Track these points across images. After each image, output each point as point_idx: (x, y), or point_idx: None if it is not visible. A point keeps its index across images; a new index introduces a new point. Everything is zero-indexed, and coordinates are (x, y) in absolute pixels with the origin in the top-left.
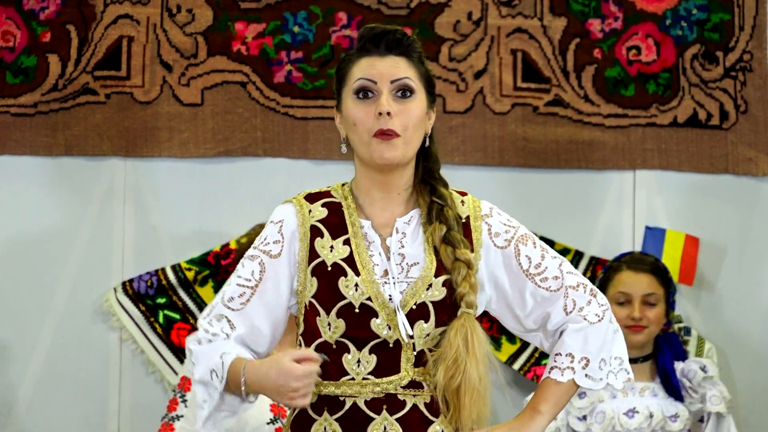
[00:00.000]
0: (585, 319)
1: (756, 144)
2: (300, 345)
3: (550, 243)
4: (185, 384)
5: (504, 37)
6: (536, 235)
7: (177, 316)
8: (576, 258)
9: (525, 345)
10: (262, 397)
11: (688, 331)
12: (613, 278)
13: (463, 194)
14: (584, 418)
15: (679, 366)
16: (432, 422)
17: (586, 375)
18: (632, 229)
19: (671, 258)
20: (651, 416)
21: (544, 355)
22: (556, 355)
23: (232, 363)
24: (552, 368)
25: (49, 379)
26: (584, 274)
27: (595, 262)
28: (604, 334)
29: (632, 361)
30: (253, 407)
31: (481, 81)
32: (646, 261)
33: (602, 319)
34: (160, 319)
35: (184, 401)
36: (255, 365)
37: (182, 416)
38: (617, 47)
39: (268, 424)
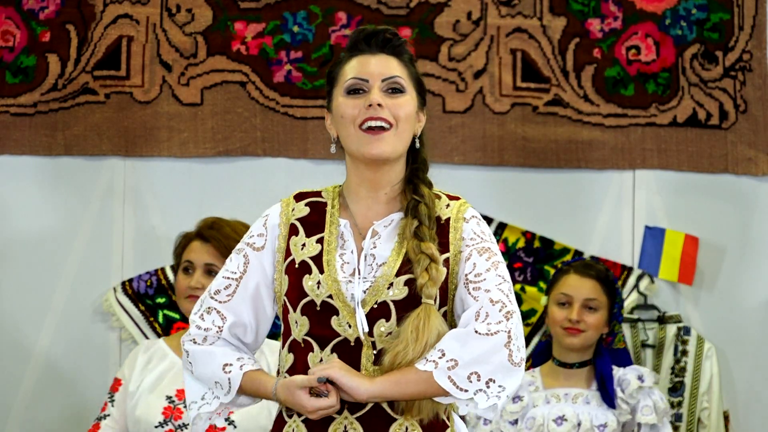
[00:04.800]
0: (474, 329)
1: (755, 144)
2: (282, 343)
3: (550, 243)
4: (115, 384)
5: (503, 36)
6: (536, 235)
7: (176, 316)
8: (576, 258)
9: None
10: (160, 401)
11: (687, 331)
12: (559, 280)
13: (454, 198)
14: (515, 422)
15: (617, 374)
16: (395, 420)
17: (449, 377)
18: (632, 229)
19: (671, 258)
20: (579, 425)
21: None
22: (432, 348)
23: (248, 377)
24: (421, 359)
25: (49, 378)
26: None
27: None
28: (487, 351)
29: (568, 366)
30: (147, 410)
31: (481, 81)
32: (595, 268)
33: (492, 335)
34: (160, 319)
35: (113, 401)
36: (280, 389)
37: (109, 415)
38: (617, 47)
39: (156, 427)
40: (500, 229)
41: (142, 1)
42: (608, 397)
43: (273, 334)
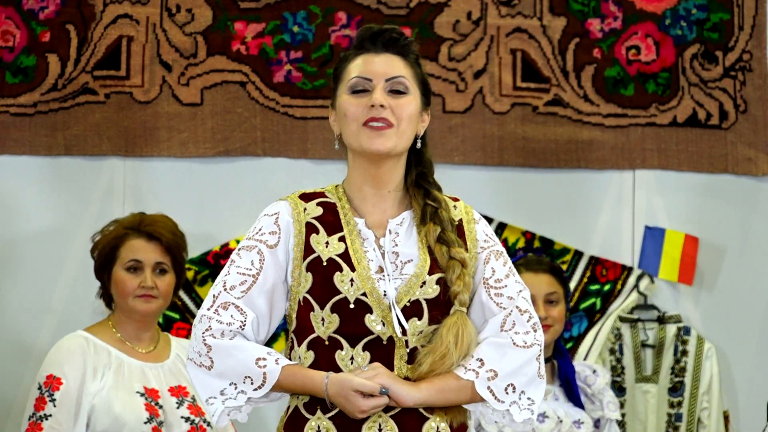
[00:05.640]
0: (512, 340)
1: (755, 144)
2: (291, 343)
3: (550, 243)
4: (53, 383)
5: (503, 36)
6: (536, 235)
7: (176, 316)
8: (576, 258)
9: None
10: (136, 397)
11: (687, 331)
12: None
13: (455, 200)
14: (495, 421)
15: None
16: (427, 419)
17: (488, 387)
18: (632, 229)
19: (671, 258)
20: (560, 421)
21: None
22: (469, 356)
23: (288, 371)
24: (459, 366)
25: None
26: (584, 273)
27: (594, 261)
28: (523, 363)
29: None
30: (130, 407)
31: (481, 81)
32: (543, 261)
33: (528, 347)
34: (160, 319)
35: (53, 400)
36: (331, 385)
37: (50, 416)
38: (617, 47)
39: (145, 423)
40: (500, 229)
41: (142, 1)
42: (575, 399)
43: (274, 334)
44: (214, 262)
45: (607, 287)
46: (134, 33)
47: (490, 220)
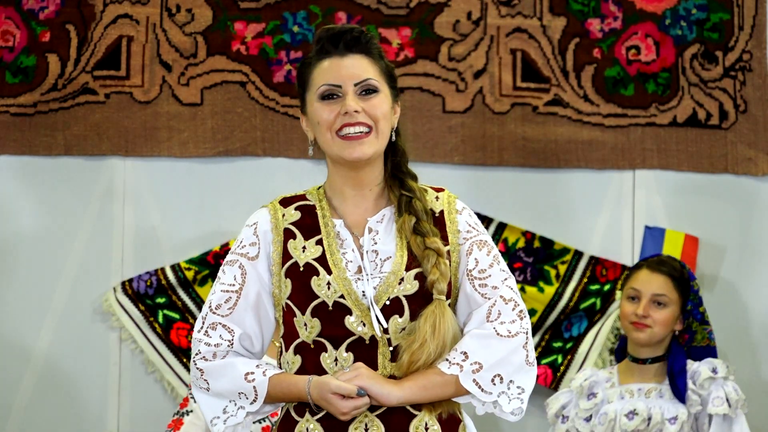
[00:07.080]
0: (495, 330)
1: (755, 144)
2: (281, 347)
3: (550, 243)
4: None
5: (503, 36)
6: (536, 235)
7: (176, 316)
8: (576, 258)
9: None
10: None
11: None
12: (631, 276)
13: (440, 190)
14: (589, 418)
15: (691, 367)
16: (414, 416)
17: (474, 380)
18: (632, 229)
19: None
20: (649, 418)
21: (547, 352)
22: (453, 350)
23: (275, 381)
24: (443, 361)
25: (49, 378)
26: (583, 273)
27: (594, 261)
28: (509, 353)
29: (639, 361)
30: None
31: (481, 81)
32: (668, 264)
33: (513, 336)
34: (160, 319)
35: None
36: (313, 389)
37: (192, 411)
38: (617, 47)
39: (255, 423)
40: (500, 229)
41: (142, 1)
42: (677, 391)
43: None
44: (214, 262)
45: (607, 287)
46: (134, 33)
47: (490, 221)
